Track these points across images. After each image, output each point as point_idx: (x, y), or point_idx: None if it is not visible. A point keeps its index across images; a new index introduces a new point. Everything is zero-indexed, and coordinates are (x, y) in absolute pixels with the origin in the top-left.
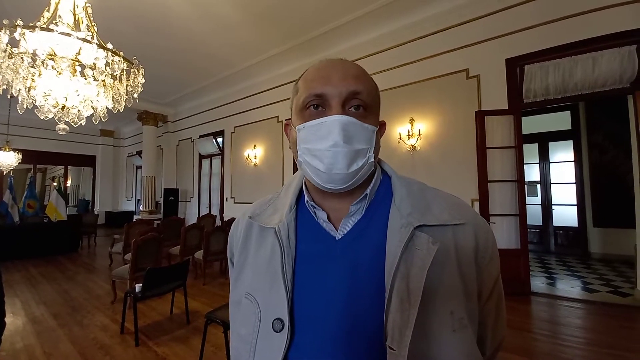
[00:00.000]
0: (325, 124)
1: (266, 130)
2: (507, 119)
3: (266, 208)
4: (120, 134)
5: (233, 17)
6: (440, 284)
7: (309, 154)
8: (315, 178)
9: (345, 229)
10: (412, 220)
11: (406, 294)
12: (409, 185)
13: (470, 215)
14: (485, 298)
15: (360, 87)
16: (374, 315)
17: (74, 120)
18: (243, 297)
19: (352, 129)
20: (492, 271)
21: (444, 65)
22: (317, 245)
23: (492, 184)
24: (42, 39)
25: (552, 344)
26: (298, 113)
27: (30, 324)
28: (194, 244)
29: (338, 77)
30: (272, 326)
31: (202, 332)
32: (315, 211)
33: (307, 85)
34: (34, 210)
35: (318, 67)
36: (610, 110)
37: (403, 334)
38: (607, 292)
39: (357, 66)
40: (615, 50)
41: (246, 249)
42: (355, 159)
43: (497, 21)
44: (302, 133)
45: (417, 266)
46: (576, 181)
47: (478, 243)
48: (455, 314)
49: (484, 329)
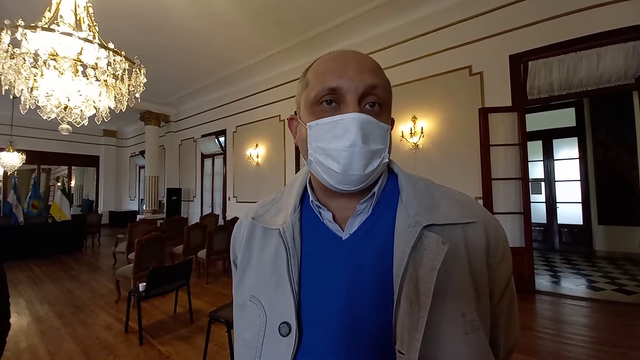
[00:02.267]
0: (341, 122)
1: (268, 129)
2: (511, 116)
3: (269, 208)
4: (123, 134)
5: (234, 16)
6: (451, 285)
7: (322, 153)
8: (328, 178)
9: (352, 228)
10: (420, 219)
11: (415, 296)
12: (416, 183)
13: (480, 213)
14: (497, 299)
15: (377, 81)
16: (382, 317)
17: (77, 120)
18: (247, 300)
19: (370, 128)
20: (504, 271)
21: (447, 62)
22: (322, 246)
23: (495, 182)
24: (44, 39)
25: (557, 343)
26: (309, 108)
27: (34, 324)
28: (197, 243)
29: (354, 69)
30: (278, 330)
31: (206, 331)
32: (321, 211)
33: (320, 78)
34: (38, 210)
35: (330, 58)
36: (614, 107)
37: (413, 337)
38: (612, 290)
39: (372, 58)
40: (619, 46)
41: (249, 251)
42: (372, 160)
43: (500, 17)
44: (313, 130)
45: (427, 267)
46: (581, 179)
47: (489, 242)
48: (467, 315)
49: (496, 330)
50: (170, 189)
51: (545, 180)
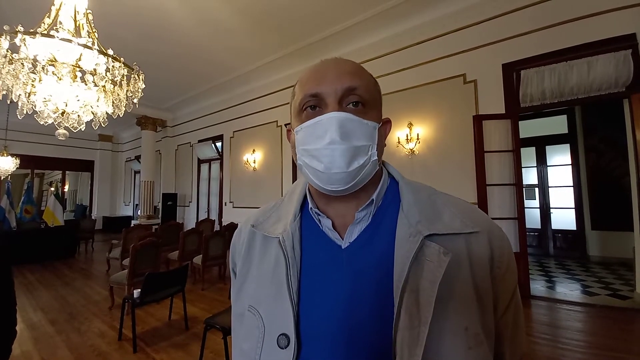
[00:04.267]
0: (321, 122)
1: (265, 134)
2: (505, 123)
3: (269, 215)
4: (119, 138)
5: (232, 23)
6: (453, 298)
7: (307, 155)
8: (315, 179)
9: (351, 237)
10: (421, 228)
11: (416, 309)
12: (417, 191)
13: (484, 222)
14: (501, 311)
15: (356, 83)
16: (381, 329)
17: (74, 125)
18: (246, 310)
19: (350, 125)
20: (509, 282)
21: (442, 70)
22: (322, 254)
23: (490, 188)
24: (43, 45)
25: (553, 348)
26: (296, 116)
27: (28, 331)
28: (192, 249)
29: (332, 75)
30: (277, 342)
31: (201, 338)
32: (320, 219)
33: (303, 87)
34: (31, 216)
35: (313, 68)
36: (606, 113)
37: (412, 353)
38: (606, 295)
39: (352, 62)
40: (610, 55)
41: (249, 259)
42: (355, 157)
43: (493, 27)
44: (300, 135)
45: (428, 279)
46: (574, 184)
47: (493, 252)
48: (470, 329)
49: (501, 344)
50: (165, 194)
51: (539, 186)
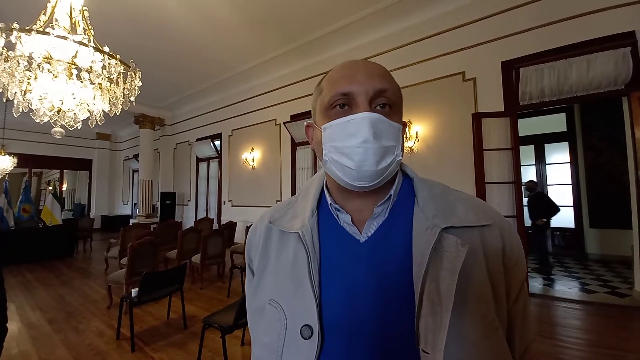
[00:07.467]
0: (354, 121)
1: (264, 133)
2: (504, 121)
3: (286, 212)
4: (117, 137)
5: (230, 20)
6: (471, 286)
7: (337, 152)
8: (343, 176)
9: (370, 231)
10: (437, 222)
11: (437, 297)
12: (432, 187)
13: (495, 216)
14: (512, 301)
15: (386, 85)
16: (403, 318)
17: (70, 123)
18: (266, 304)
19: (381, 126)
20: (519, 274)
21: (441, 68)
22: (341, 248)
23: (489, 186)
24: (39, 42)
25: (551, 345)
26: (323, 112)
27: (26, 330)
28: (191, 248)
29: (364, 75)
30: (300, 333)
31: (200, 337)
32: (339, 214)
33: (333, 85)
34: (29, 215)
35: (342, 67)
36: (604, 112)
37: (437, 337)
38: (604, 292)
39: (381, 66)
40: (609, 53)
41: (266, 254)
42: (384, 156)
43: (492, 24)
44: (328, 132)
45: (447, 269)
46: (572, 182)
47: (505, 244)
48: (487, 316)
49: (512, 331)
50: (164, 192)
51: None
